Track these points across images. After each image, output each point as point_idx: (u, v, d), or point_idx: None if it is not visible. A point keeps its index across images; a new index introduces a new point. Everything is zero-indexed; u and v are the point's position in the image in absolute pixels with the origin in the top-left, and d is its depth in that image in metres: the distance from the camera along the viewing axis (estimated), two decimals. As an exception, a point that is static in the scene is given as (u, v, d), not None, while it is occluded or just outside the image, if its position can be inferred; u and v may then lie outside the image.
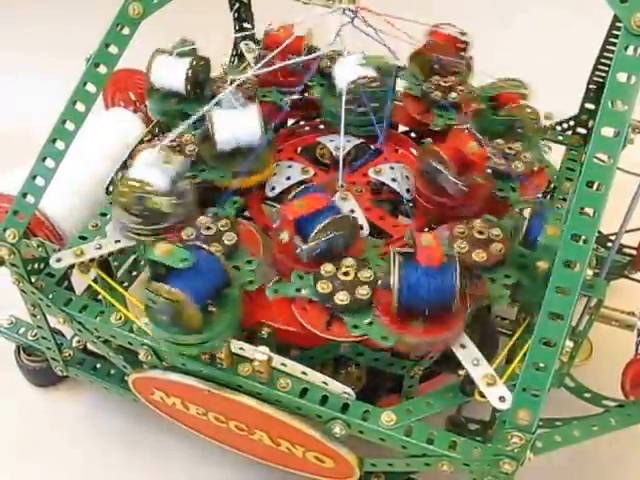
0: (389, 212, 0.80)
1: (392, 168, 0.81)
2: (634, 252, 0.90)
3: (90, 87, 0.64)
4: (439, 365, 0.74)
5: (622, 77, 0.53)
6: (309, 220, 0.67)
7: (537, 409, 0.56)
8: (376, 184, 0.81)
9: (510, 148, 0.78)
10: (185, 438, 0.85)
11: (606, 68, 0.87)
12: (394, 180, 0.79)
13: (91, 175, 0.86)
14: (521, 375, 0.56)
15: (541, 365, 0.55)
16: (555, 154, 0.90)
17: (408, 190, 0.79)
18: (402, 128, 0.94)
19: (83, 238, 0.76)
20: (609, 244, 0.91)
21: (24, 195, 0.68)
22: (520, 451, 0.58)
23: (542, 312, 0.55)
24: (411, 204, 0.79)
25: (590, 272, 0.60)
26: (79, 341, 0.85)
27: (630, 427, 0.73)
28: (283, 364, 0.65)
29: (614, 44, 0.83)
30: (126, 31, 0.63)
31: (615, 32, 0.84)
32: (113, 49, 0.64)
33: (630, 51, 0.52)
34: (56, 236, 0.82)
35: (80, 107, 0.65)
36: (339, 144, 0.80)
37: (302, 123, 0.92)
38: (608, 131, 0.53)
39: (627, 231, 0.81)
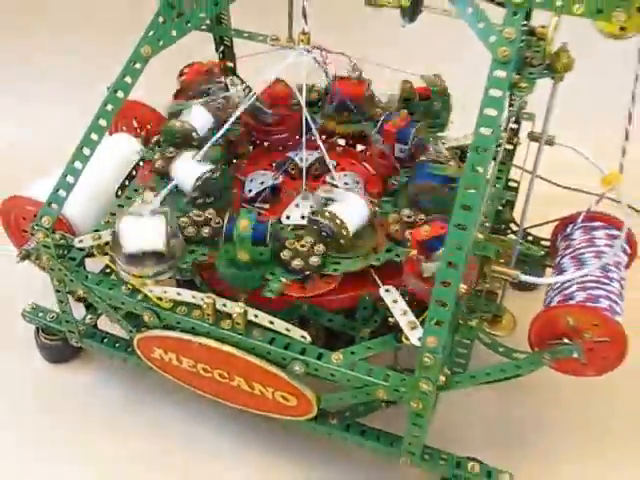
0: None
1: (345, 175, 1.08)
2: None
3: (110, 107, 0.91)
4: (384, 327, 0.99)
5: (494, 92, 0.79)
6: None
7: (442, 335, 0.80)
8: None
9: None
10: (181, 406, 1.11)
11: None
12: (346, 184, 1.06)
13: (100, 182, 1.11)
14: (429, 310, 0.81)
15: (443, 301, 0.80)
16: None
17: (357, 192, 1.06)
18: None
19: (97, 231, 1.02)
20: (529, 237, 1.18)
21: (57, 190, 0.94)
22: (433, 372, 0.83)
23: (442, 262, 0.80)
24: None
25: (481, 236, 0.86)
26: (91, 318, 1.11)
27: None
28: (255, 315, 0.90)
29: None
30: (138, 66, 0.90)
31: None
32: (128, 79, 0.90)
33: (496, 72, 0.79)
34: (72, 231, 1.07)
35: (102, 122, 0.91)
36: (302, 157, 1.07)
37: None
38: (485, 131, 0.79)
39: (528, 227, 1.11)
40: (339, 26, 1.32)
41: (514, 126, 1.17)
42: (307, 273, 0.92)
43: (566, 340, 0.94)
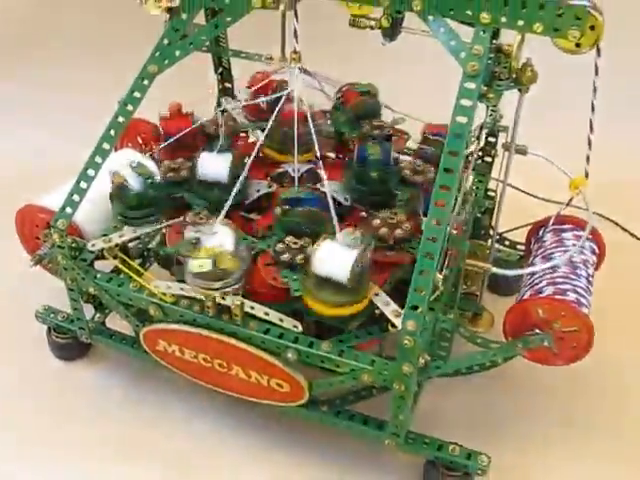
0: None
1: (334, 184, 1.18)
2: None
3: (121, 119, 1.02)
4: (370, 322, 1.08)
5: (464, 102, 0.90)
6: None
7: (419, 320, 0.90)
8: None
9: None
10: (183, 403, 1.20)
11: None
12: (336, 192, 1.16)
13: (106, 192, 1.21)
14: (408, 297, 0.90)
15: (421, 289, 0.90)
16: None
17: (346, 199, 1.15)
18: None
19: (106, 235, 1.12)
20: (506, 242, 1.29)
21: (71, 195, 1.04)
22: (413, 354, 0.92)
23: (419, 254, 0.90)
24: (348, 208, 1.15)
25: (455, 232, 0.96)
26: (99, 317, 1.20)
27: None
28: (252, 307, 0.99)
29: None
30: (146, 82, 1.01)
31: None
32: (137, 94, 1.01)
33: (466, 84, 0.89)
34: (81, 236, 1.16)
35: (113, 133, 1.02)
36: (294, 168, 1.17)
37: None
38: (457, 135, 0.90)
39: (505, 231, 1.21)
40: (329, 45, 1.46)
41: (491, 139, 1.28)
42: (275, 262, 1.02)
43: (537, 330, 1.04)
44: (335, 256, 0.96)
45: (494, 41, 0.96)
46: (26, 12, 1.99)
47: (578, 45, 0.88)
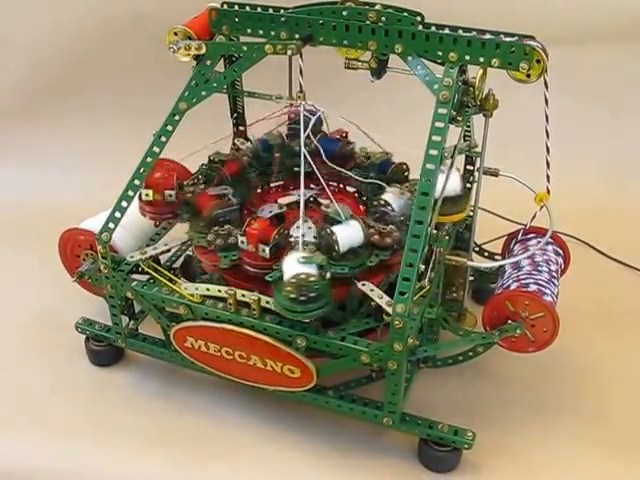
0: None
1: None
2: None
3: (155, 149, 1.23)
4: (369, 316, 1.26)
5: (438, 124, 1.11)
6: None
7: (407, 303, 1.09)
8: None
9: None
10: (205, 394, 1.38)
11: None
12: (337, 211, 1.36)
13: (135, 214, 1.38)
14: (397, 286, 1.09)
15: (407, 278, 1.09)
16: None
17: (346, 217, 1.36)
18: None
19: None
20: (485, 253, 1.49)
21: (114, 212, 1.25)
22: (403, 333, 1.10)
23: (405, 249, 1.09)
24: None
25: (435, 231, 1.15)
26: (133, 324, 1.39)
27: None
28: (267, 302, 1.18)
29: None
30: (177, 118, 1.22)
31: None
32: (169, 127, 1.23)
33: (439, 110, 1.10)
34: (114, 251, 1.36)
35: (149, 159, 1.23)
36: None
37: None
38: (432, 152, 1.10)
39: (483, 243, 1.41)
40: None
41: (469, 167, 1.49)
42: None
43: (510, 321, 1.22)
44: (348, 230, 1.23)
45: (462, 76, 1.17)
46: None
47: (528, 76, 1.10)
